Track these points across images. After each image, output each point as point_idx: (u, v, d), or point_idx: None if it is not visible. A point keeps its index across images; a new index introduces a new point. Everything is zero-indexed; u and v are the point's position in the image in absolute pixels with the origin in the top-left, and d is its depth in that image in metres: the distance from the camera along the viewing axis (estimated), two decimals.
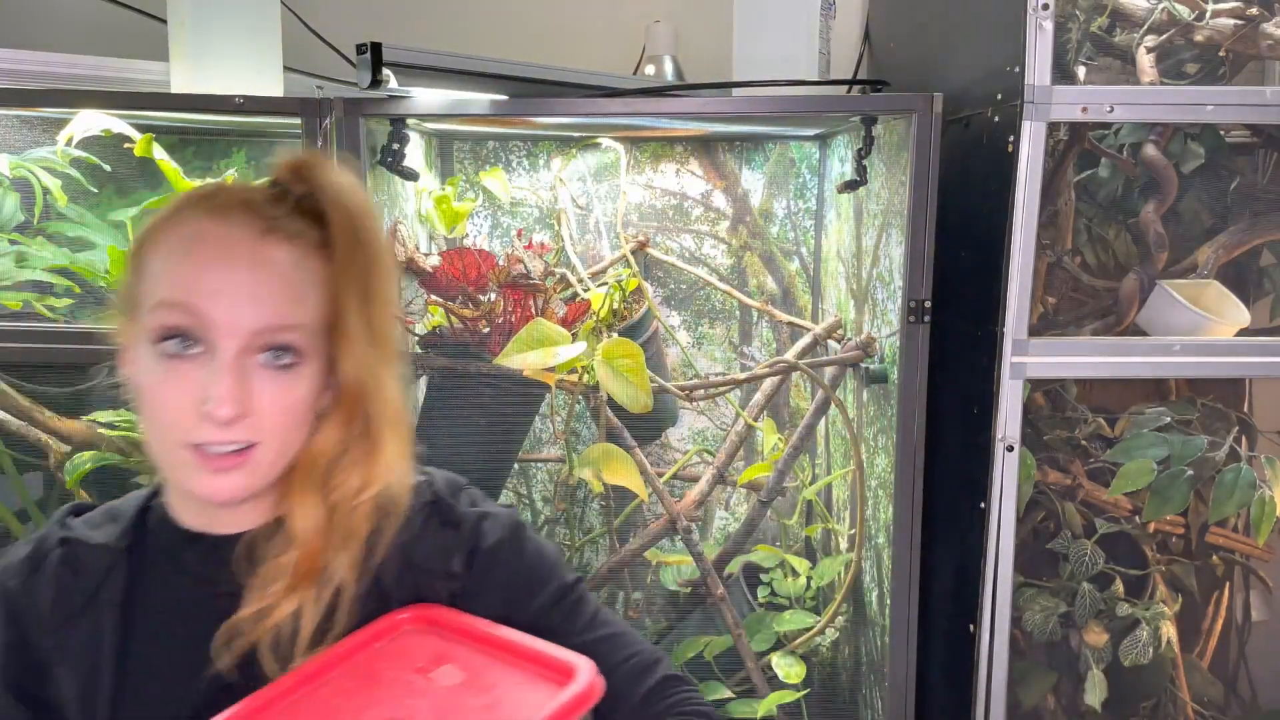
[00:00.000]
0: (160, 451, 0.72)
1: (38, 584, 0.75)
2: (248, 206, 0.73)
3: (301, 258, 0.72)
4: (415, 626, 0.77)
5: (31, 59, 1.44)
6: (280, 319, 0.70)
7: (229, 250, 0.71)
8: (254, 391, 0.70)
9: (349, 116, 1.30)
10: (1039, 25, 1.19)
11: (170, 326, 0.69)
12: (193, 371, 0.69)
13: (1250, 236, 1.50)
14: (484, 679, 0.71)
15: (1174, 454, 1.42)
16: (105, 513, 0.80)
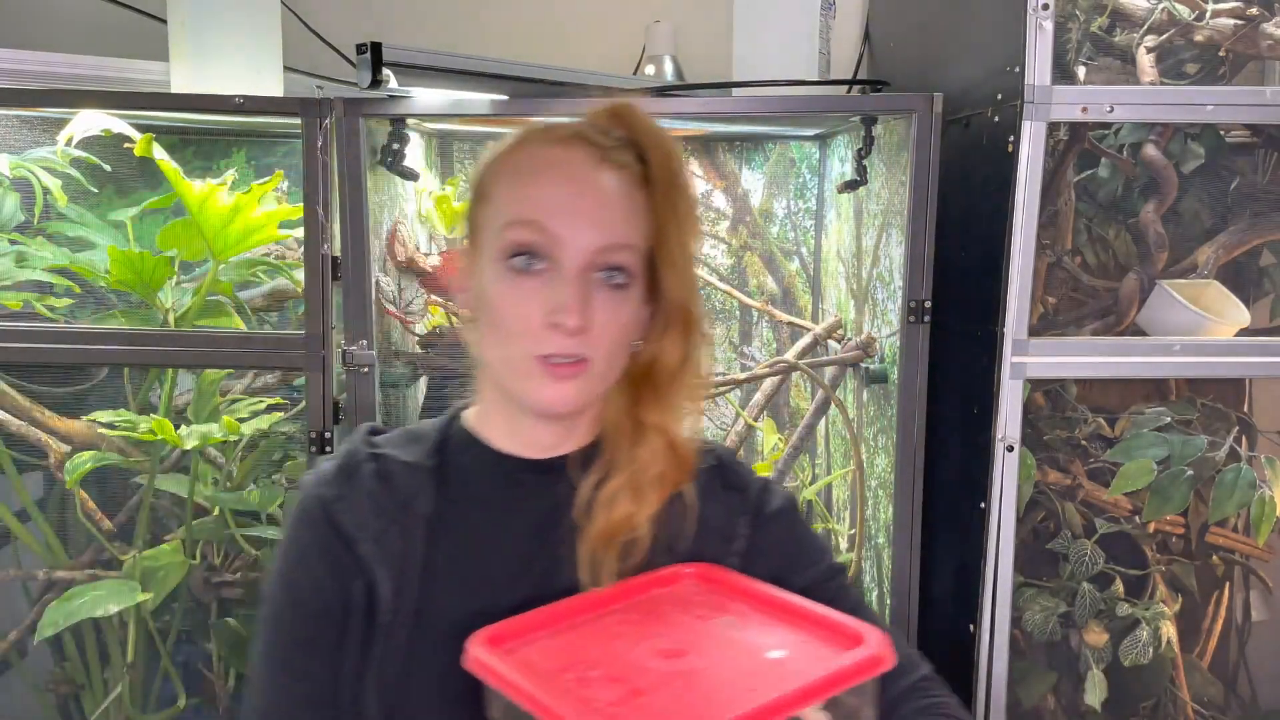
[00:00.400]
0: (503, 363, 0.78)
1: (354, 492, 0.80)
2: (583, 137, 0.78)
3: (629, 187, 0.77)
4: (697, 581, 0.78)
5: (31, 59, 1.44)
6: (617, 238, 0.76)
7: (573, 174, 0.76)
8: (593, 307, 0.75)
9: (349, 116, 1.30)
10: (1039, 25, 1.19)
11: (522, 243, 0.75)
12: (539, 287, 0.75)
13: (1250, 236, 1.50)
14: (766, 633, 0.71)
15: (1174, 454, 1.42)
16: (405, 435, 0.85)
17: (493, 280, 0.77)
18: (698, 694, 0.63)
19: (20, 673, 1.59)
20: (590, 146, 0.78)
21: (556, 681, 0.64)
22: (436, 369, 1.52)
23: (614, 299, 0.76)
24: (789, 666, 0.66)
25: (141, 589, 1.46)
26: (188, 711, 1.57)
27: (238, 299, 1.54)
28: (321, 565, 0.78)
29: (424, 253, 1.53)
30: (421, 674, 0.76)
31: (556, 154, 0.77)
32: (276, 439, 1.59)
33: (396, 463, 0.81)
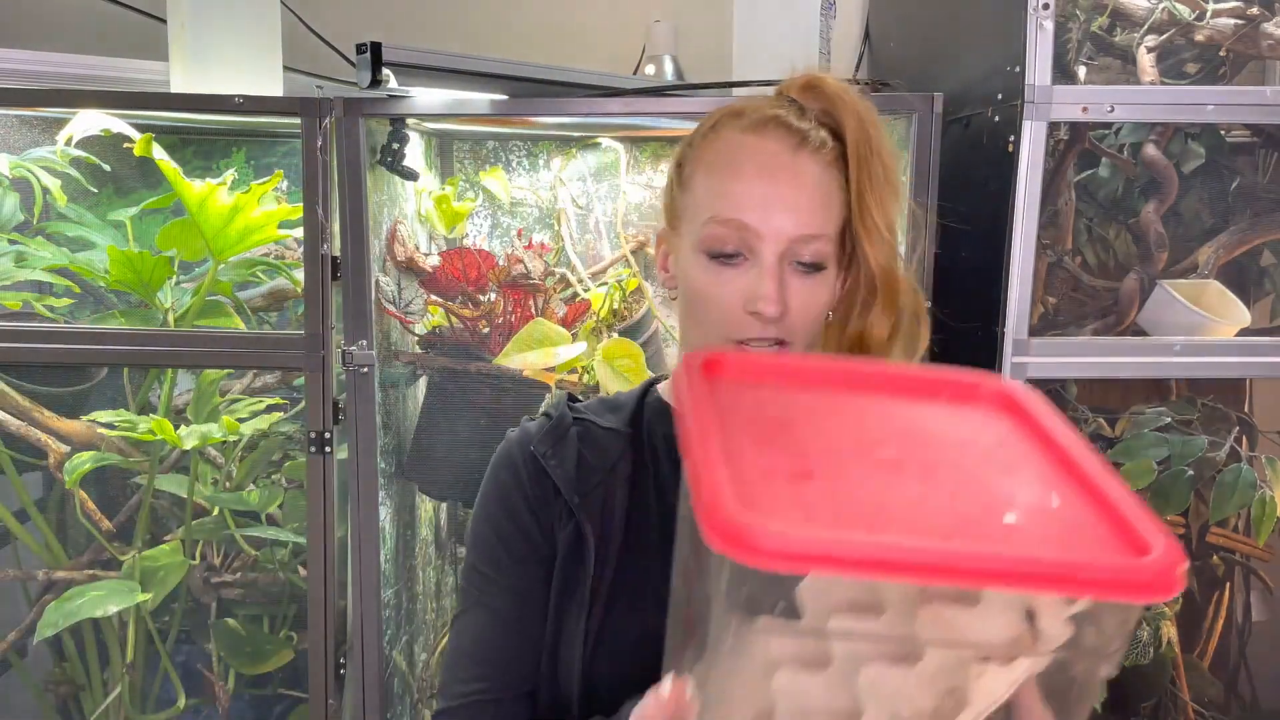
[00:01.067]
0: (703, 345, 0.80)
1: (563, 450, 0.83)
2: (780, 122, 0.79)
3: (825, 168, 0.78)
4: (996, 407, 0.62)
5: (31, 59, 1.44)
6: (813, 228, 0.77)
7: (770, 164, 0.77)
8: (789, 292, 0.77)
9: (349, 116, 1.30)
10: (1039, 25, 1.19)
11: (721, 238, 0.77)
12: (738, 277, 0.77)
13: (1251, 236, 1.50)
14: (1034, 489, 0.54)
15: (1174, 454, 1.41)
16: (602, 403, 0.89)
17: (694, 268, 0.79)
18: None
19: (20, 673, 1.58)
20: (787, 131, 0.78)
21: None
22: (436, 369, 1.52)
23: (810, 282, 0.78)
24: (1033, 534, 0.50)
25: (141, 589, 1.46)
26: (187, 712, 1.57)
27: (237, 299, 1.54)
28: (530, 510, 0.82)
29: (424, 252, 1.53)
30: (619, 632, 0.79)
31: (754, 143, 0.78)
32: (276, 439, 1.59)
33: (599, 428, 0.85)
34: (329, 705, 1.39)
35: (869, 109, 0.80)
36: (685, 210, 0.81)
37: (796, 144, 0.78)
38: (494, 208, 1.71)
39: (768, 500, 0.49)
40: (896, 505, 0.51)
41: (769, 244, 0.76)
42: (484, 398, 1.48)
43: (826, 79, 0.81)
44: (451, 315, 1.50)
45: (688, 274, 0.80)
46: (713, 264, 0.78)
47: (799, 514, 0.49)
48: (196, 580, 1.56)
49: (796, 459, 0.54)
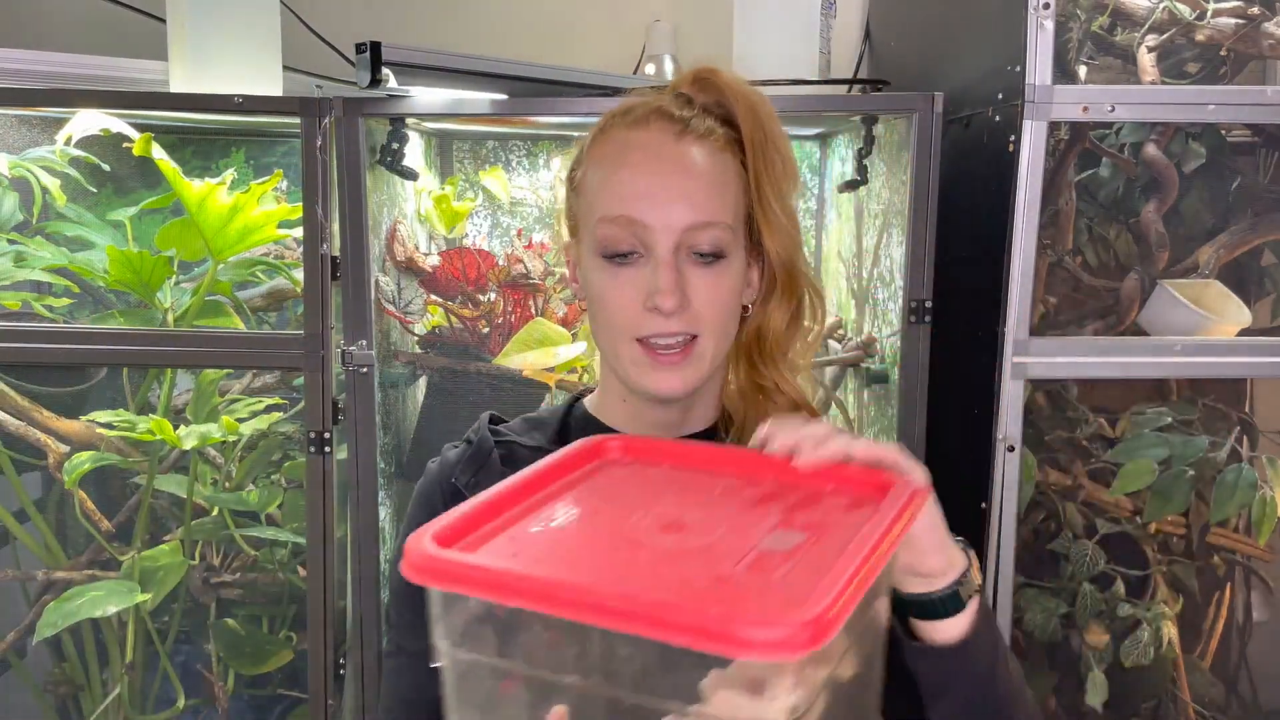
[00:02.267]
0: (611, 351, 0.80)
1: (486, 477, 0.80)
2: (662, 113, 0.78)
3: (715, 154, 0.77)
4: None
5: (31, 59, 1.44)
6: (707, 215, 0.76)
7: (652, 154, 0.77)
8: (690, 285, 0.76)
9: (348, 116, 1.30)
10: (1040, 24, 1.19)
11: (613, 238, 0.76)
12: (635, 274, 0.76)
13: (1251, 236, 1.50)
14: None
15: (1175, 454, 1.41)
16: (525, 422, 0.88)
17: (593, 273, 0.78)
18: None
19: (19, 673, 1.58)
20: (669, 121, 0.77)
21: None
22: (436, 369, 1.52)
23: (712, 273, 0.77)
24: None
25: (140, 589, 1.46)
26: (187, 712, 1.57)
27: (237, 299, 1.54)
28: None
29: (423, 252, 1.53)
30: None
31: (636, 138, 0.78)
32: (275, 439, 1.59)
33: (522, 448, 0.83)
34: (328, 705, 1.39)
35: (762, 99, 0.80)
36: (580, 215, 0.80)
37: (679, 131, 0.77)
38: (494, 207, 1.71)
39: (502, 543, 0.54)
40: (639, 558, 0.53)
41: (660, 236, 0.75)
42: (484, 398, 1.48)
43: (718, 71, 0.80)
44: (451, 315, 1.50)
45: (588, 279, 0.79)
46: (609, 265, 0.77)
47: (507, 552, 0.54)
48: (196, 580, 1.56)
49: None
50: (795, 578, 0.51)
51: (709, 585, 0.50)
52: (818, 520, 0.58)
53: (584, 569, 0.53)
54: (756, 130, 0.78)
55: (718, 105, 0.79)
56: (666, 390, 0.78)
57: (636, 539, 0.55)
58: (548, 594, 0.48)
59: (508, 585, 0.49)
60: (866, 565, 0.50)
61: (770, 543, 0.55)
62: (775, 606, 0.47)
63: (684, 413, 0.83)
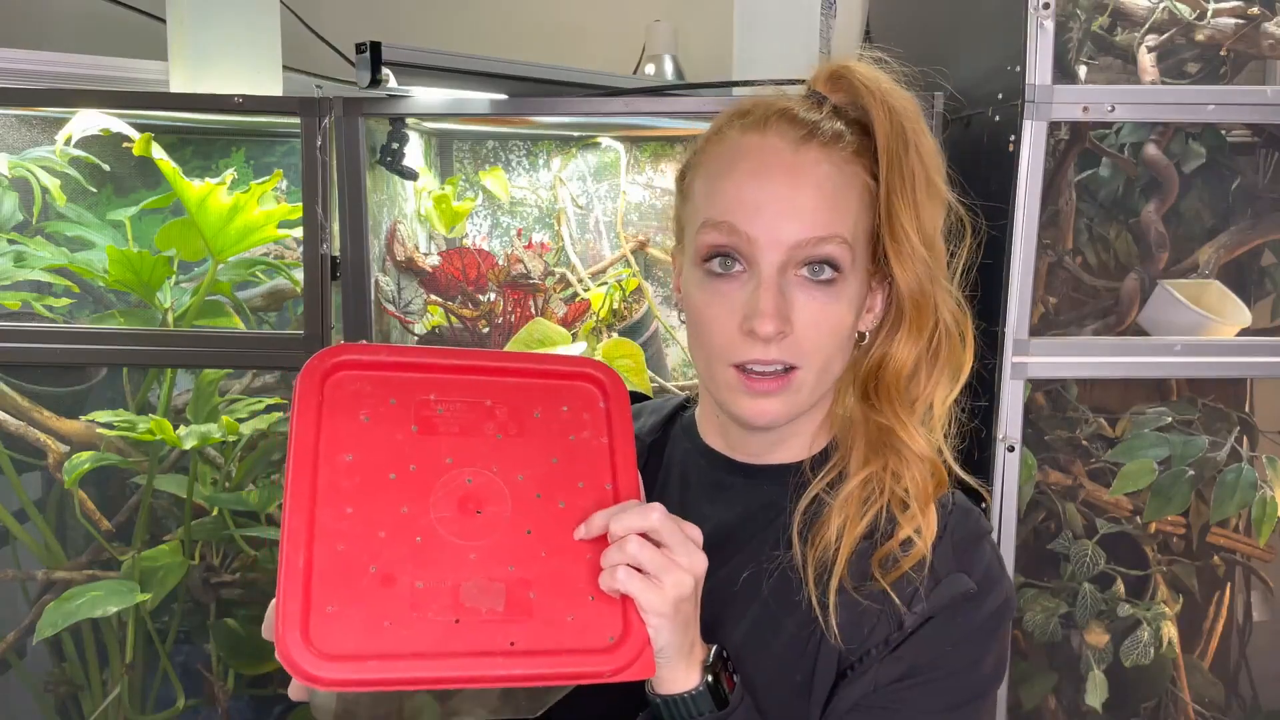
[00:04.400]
0: (705, 370, 0.74)
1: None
2: (784, 116, 0.71)
3: (842, 164, 0.70)
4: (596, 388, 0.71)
5: (31, 59, 1.44)
6: (818, 230, 0.68)
7: (765, 163, 0.70)
8: (795, 308, 0.69)
9: (348, 116, 1.30)
10: (1040, 24, 1.19)
11: (713, 246, 0.70)
12: (736, 291, 0.70)
13: (1251, 236, 1.50)
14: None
15: (1175, 454, 1.41)
16: (653, 405, 0.86)
17: (692, 284, 0.73)
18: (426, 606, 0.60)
19: (19, 673, 1.58)
20: (791, 125, 0.71)
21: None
22: None
23: (822, 297, 0.69)
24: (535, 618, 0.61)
25: (140, 589, 1.46)
26: (186, 712, 1.57)
27: (236, 299, 1.54)
28: None
29: (423, 252, 1.53)
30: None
31: (751, 142, 0.71)
32: (275, 439, 1.58)
33: (640, 429, 0.81)
34: None
35: (905, 101, 0.71)
36: (686, 221, 0.75)
37: (802, 137, 0.70)
38: (494, 207, 1.71)
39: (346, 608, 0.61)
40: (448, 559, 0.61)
41: (765, 252, 0.68)
42: None
43: (856, 67, 0.72)
44: (451, 315, 1.50)
45: (688, 291, 0.74)
46: (708, 278, 0.71)
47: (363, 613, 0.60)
48: (196, 580, 1.56)
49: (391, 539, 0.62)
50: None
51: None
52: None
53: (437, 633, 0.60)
54: (895, 138, 0.69)
55: (853, 107, 0.72)
56: (759, 419, 0.71)
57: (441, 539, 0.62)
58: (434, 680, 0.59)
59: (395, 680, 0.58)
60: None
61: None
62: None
63: (775, 443, 0.77)
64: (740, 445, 0.79)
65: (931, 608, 0.70)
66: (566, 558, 0.63)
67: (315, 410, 0.64)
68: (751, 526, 0.76)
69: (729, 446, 0.79)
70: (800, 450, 0.78)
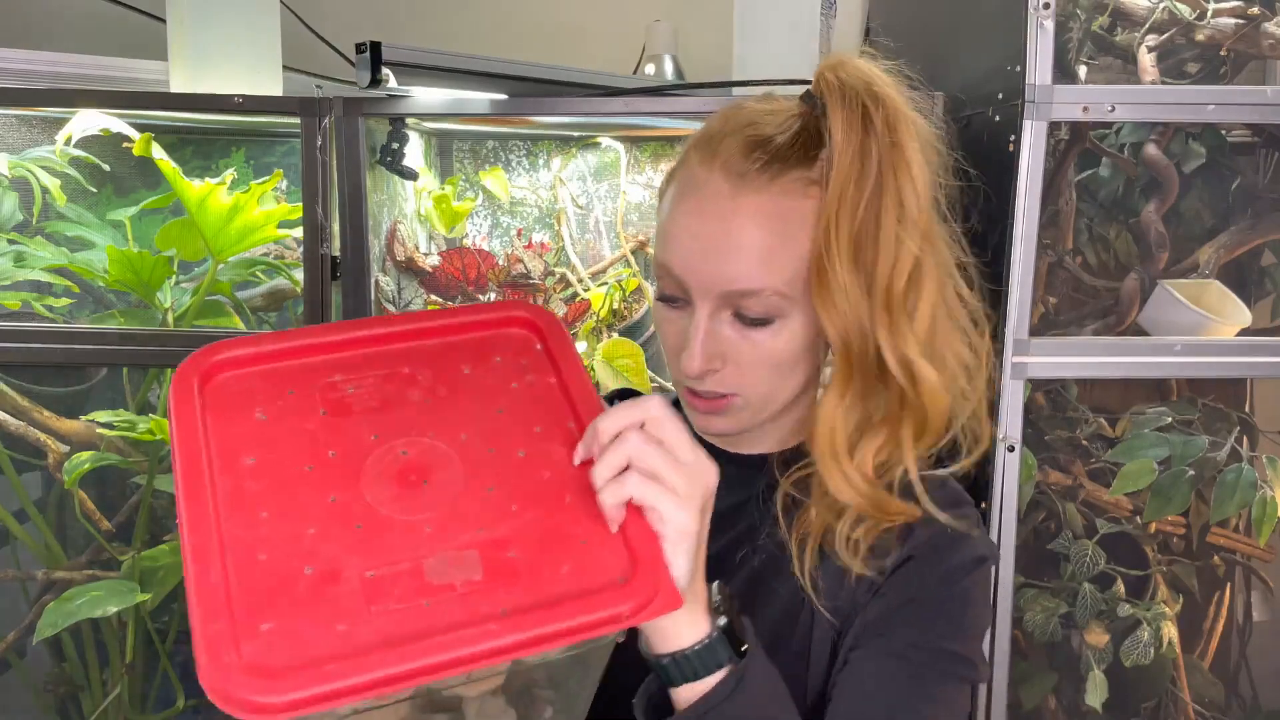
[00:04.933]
0: (672, 380, 0.76)
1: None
2: (740, 143, 0.67)
3: (790, 198, 0.65)
4: (528, 332, 0.66)
5: (31, 58, 1.44)
6: (751, 283, 0.65)
7: (703, 205, 0.67)
8: (728, 345, 0.68)
9: (348, 116, 1.30)
10: (1040, 24, 1.19)
11: (661, 282, 0.71)
12: (679, 320, 0.70)
13: (1251, 236, 1.50)
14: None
15: (1175, 454, 1.41)
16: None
17: (655, 301, 0.74)
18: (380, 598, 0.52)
19: (19, 673, 1.58)
20: (743, 156, 0.66)
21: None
22: None
23: (756, 336, 0.68)
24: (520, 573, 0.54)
25: (140, 589, 1.46)
26: (186, 712, 1.57)
27: (236, 299, 1.54)
28: None
29: (423, 252, 1.53)
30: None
31: (699, 176, 0.68)
32: None
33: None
34: None
35: (889, 108, 0.64)
36: (656, 241, 0.76)
37: (752, 172, 0.65)
38: (494, 207, 1.71)
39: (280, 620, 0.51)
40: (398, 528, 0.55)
41: (698, 295, 0.68)
42: None
43: (845, 63, 0.66)
44: None
45: (655, 307, 0.75)
46: (665, 309, 0.72)
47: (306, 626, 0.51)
48: None
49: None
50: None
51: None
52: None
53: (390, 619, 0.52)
54: (850, 159, 0.63)
55: (821, 129, 0.66)
56: (709, 431, 0.74)
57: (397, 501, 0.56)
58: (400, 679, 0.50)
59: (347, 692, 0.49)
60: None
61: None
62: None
63: (754, 437, 0.77)
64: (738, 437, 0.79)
65: (911, 549, 0.70)
66: (543, 507, 0.56)
67: (196, 420, 0.57)
68: (740, 509, 0.77)
69: (732, 440, 0.80)
70: (772, 445, 0.78)
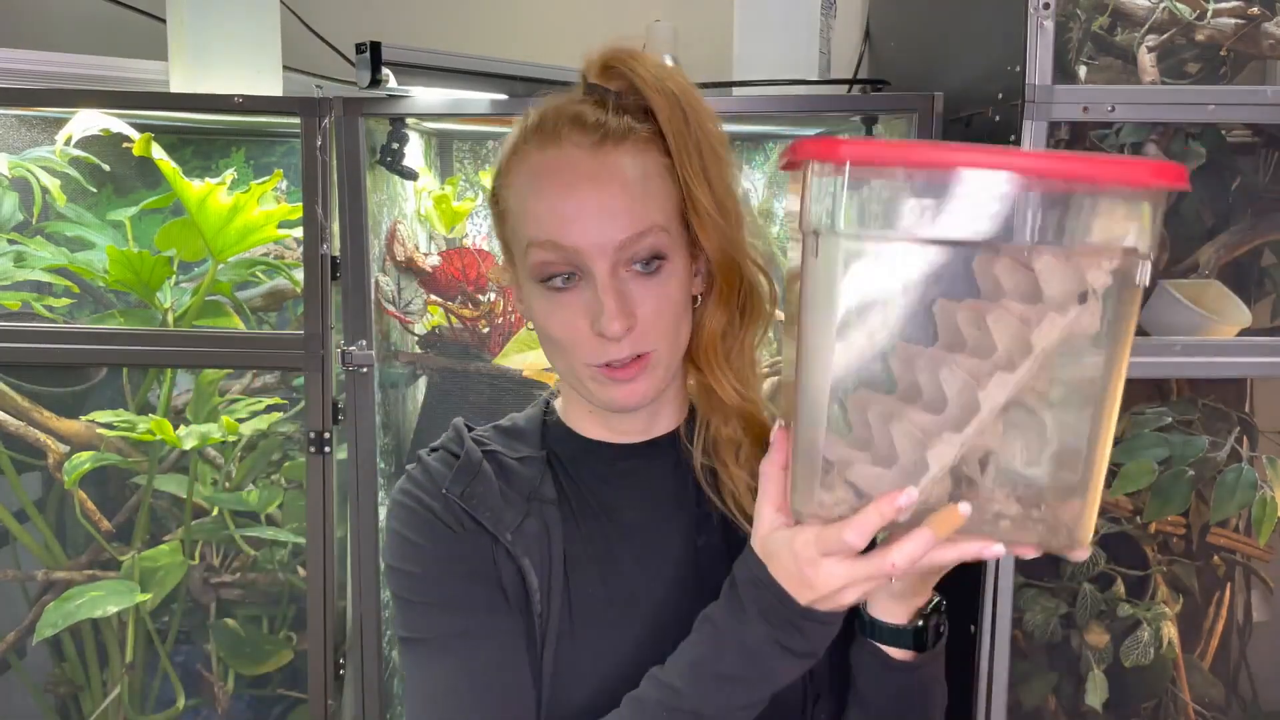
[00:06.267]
0: (568, 373, 0.77)
1: (482, 488, 0.78)
2: (575, 123, 0.73)
3: (638, 154, 0.73)
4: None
5: (31, 59, 1.44)
6: (637, 226, 0.72)
7: (569, 175, 0.72)
8: (635, 302, 0.73)
9: (348, 116, 1.30)
10: (1040, 25, 1.19)
11: (545, 264, 0.73)
12: (576, 300, 0.73)
13: (1251, 236, 1.50)
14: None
15: (1175, 454, 1.41)
16: (501, 432, 0.84)
17: (534, 299, 0.75)
18: None
19: (19, 673, 1.58)
20: (583, 131, 0.73)
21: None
22: (436, 369, 1.52)
23: (655, 283, 0.73)
24: None
25: (140, 589, 1.46)
26: (186, 712, 1.57)
27: (236, 299, 1.54)
28: (473, 555, 0.77)
29: (423, 252, 1.53)
30: (574, 663, 0.76)
31: (550, 158, 0.73)
32: (275, 439, 1.59)
33: (509, 457, 0.81)
34: (328, 706, 1.39)
35: (678, 81, 0.75)
36: (510, 240, 0.77)
37: (596, 142, 0.72)
38: None
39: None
40: None
41: (594, 258, 0.71)
42: (484, 398, 1.48)
43: (624, 57, 0.75)
44: (451, 315, 1.50)
45: (530, 306, 0.76)
46: (548, 292, 0.73)
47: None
48: (196, 580, 1.56)
49: None
50: None
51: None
52: None
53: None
54: (676, 119, 0.73)
55: (632, 92, 0.75)
56: (629, 402, 0.76)
57: None
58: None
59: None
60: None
61: None
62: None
63: (651, 416, 0.83)
64: (623, 429, 0.82)
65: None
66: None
67: None
68: (670, 498, 0.82)
69: (613, 432, 0.83)
70: (674, 418, 0.84)
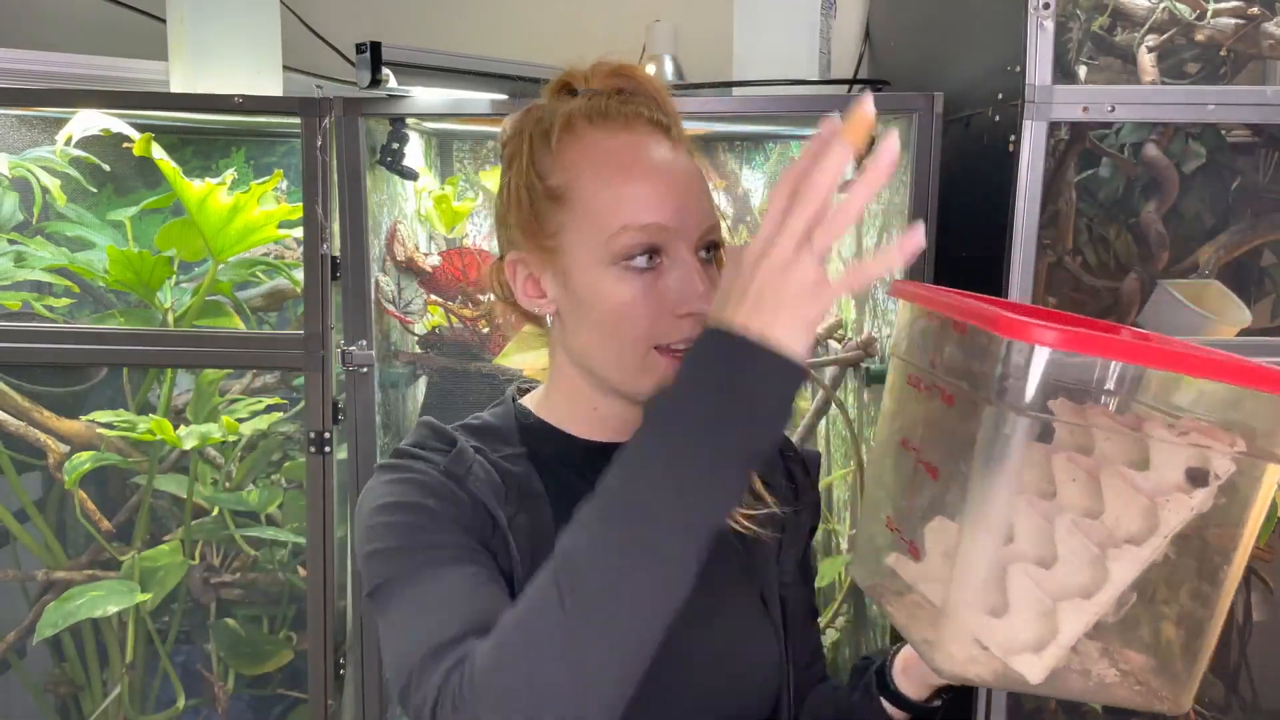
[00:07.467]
0: (612, 361, 0.77)
1: (481, 473, 0.77)
2: (640, 115, 0.77)
3: (690, 156, 0.79)
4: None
5: (31, 59, 1.44)
6: (712, 216, 0.77)
7: (655, 160, 0.76)
8: (709, 281, 0.76)
9: (348, 116, 1.30)
10: (1040, 25, 1.19)
11: (641, 245, 0.74)
12: (659, 280, 0.75)
13: (1251, 236, 1.50)
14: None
15: None
16: (473, 432, 0.82)
17: (604, 281, 0.74)
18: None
19: (19, 673, 1.58)
20: (647, 124, 0.77)
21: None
22: (436, 369, 1.52)
23: (713, 271, 0.77)
24: None
25: (140, 589, 1.46)
26: (187, 712, 1.57)
27: (237, 299, 1.54)
28: (470, 519, 0.74)
29: (423, 252, 1.53)
30: None
31: (628, 143, 0.76)
32: (275, 439, 1.59)
33: (494, 454, 0.80)
34: (328, 706, 1.39)
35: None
36: (569, 224, 0.75)
37: (664, 132, 0.77)
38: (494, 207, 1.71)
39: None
40: None
41: (684, 241, 0.75)
42: (484, 398, 1.48)
43: (634, 70, 0.79)
44: (451, 315, 1.50)
45: (598, 289, 0.75)
46: (629, 274, 0.74)
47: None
48: (196, 580, 1.56)
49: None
50: None
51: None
52: None
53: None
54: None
55: (653, 104, 0.78)
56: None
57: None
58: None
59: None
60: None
61: None
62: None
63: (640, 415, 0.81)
64: (619, 426, 0.81)
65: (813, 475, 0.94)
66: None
67: None
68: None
69: (618, 431, 0.81)
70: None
